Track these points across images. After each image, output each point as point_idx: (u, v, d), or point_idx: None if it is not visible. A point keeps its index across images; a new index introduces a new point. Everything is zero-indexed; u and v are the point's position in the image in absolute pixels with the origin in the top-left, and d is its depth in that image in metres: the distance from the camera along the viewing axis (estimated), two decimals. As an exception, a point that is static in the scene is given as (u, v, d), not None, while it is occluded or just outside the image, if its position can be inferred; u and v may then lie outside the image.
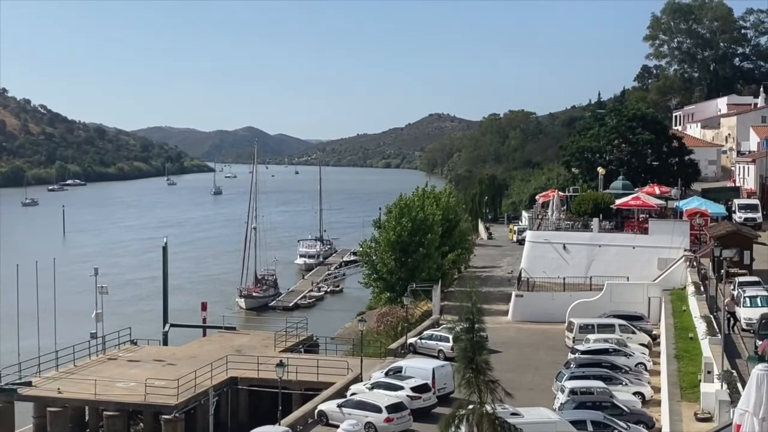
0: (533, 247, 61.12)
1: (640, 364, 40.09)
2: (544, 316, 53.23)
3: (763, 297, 39.97)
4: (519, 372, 40.99)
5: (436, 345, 46.98)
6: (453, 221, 72.28)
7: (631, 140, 79.73)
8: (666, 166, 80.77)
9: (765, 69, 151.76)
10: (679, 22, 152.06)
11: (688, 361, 34.10)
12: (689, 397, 29.36)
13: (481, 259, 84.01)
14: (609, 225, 60.79)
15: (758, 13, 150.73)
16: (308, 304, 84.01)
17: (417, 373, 38.81)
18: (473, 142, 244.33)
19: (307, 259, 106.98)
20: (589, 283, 54.85)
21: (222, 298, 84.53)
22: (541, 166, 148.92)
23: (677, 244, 55.46)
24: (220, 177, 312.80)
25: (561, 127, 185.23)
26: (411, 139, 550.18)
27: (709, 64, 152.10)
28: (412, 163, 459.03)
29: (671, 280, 51.84)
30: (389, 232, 63.00)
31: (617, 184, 69.33)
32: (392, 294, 62.94)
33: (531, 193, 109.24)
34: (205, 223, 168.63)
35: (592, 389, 33.82)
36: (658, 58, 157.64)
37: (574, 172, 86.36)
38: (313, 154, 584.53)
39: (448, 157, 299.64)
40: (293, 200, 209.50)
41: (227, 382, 44.76)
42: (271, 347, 51.65)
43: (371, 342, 52.00)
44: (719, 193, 74.76)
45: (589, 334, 44.38)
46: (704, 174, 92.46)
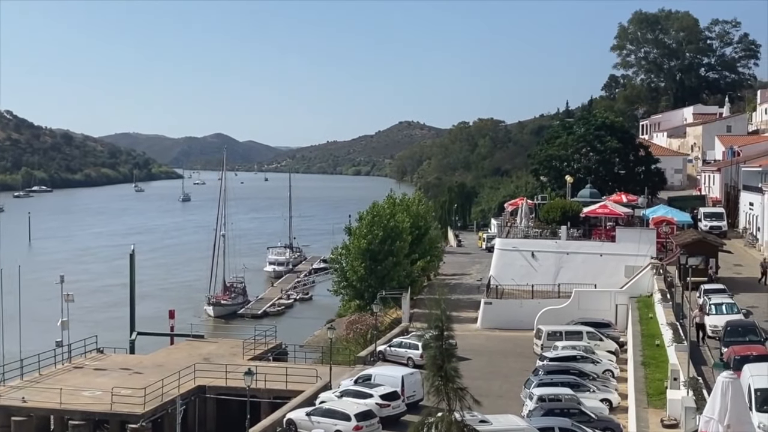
0: (502, 254, 61.43)
1: (607, 371, 40.39)
2: (512, 324, 53.49)
3: (728, 304, 40.55)
4: (488, 379, 41.10)
5: (406, 352, 47.04)
6: (422, 229, 72.44)
7: (599, 149, 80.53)
8: (633, 175, 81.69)
9: (730, 79, 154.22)
10: (645, 32, 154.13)
11: (654, 368, 34.43)
12: (656, 404, 29.63)
13: (450, 267, 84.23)
14: (577, 233, 61.26)
15: (723, 24, 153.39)
16: (277, 311, 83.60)
17: (386, 380, 38.79)
18: (443, 149, 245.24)
19: (277, 266, 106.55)
20: (557, 290, 55.15)
21: (190, 305, 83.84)
22: (509, 174, 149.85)
23: (644, 251, 56.02)
24: (188, 184, 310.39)
25: (529, 136, 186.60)
26: (381, 147, 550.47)
27: (676, 74, 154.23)
28: (382, 171, 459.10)
29: (638, 287, 52.34)
30: (360, 240, 63.01)
31: (585, 192, 69.92)
32: (362, 301, 62.93)
33: (500, 201, 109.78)
34: (175, 230, 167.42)
35: (560, 396, 34.01)
36: (625, 67, 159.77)
37: (542, 180, 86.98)
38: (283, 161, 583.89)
39: (417, 164, 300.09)
40: (263, 207, 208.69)
41: (195, 390, 44.34)
42: (240, 355, 51.31)
43: (340, 350, 51.89)
44: (685, 202, 75.79)
45: (557, 341, 44.66)
46: (670, 182, 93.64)
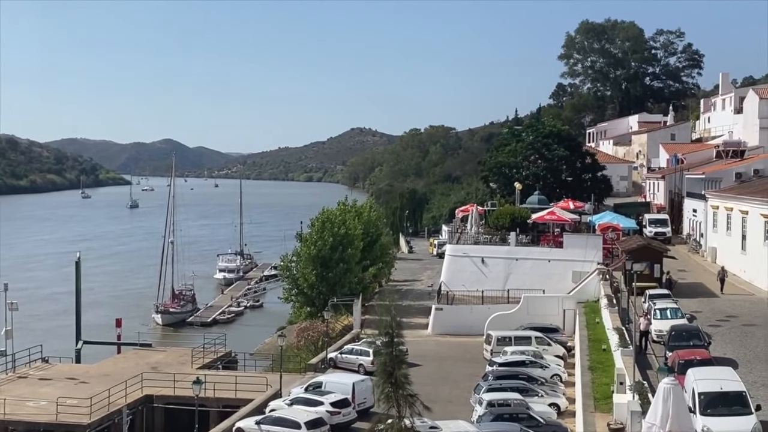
0: (453, 260, 61.81)
1: (555, 376, 40.88)
2: (463, 329, 53.83)
3: (673, 309, 41.33)
4: (438, 385, 41.28)
5: (357, 359, 47.01)
6: (374, 235, 72.55)
7: (547, 156, 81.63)
8: (580, 182, 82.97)
9: (674, 88, 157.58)
10: (592, 41, 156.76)
11: (601, 372, 34.91)
12: (602, 408, 30.04)
13: (401, 273, 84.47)
14: (526, 239, 61.95)
15: (667, 34, 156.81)
16: (227, 319, 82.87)
17: (337, 388, 38.73)
18: (394, 156, 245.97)
19: (227, 273, 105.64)
20: (507, 296, 55.71)
21: (138, 313, 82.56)
22: (460, 180, 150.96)
23: (591, 257, 56.86)
24: (136, 190, 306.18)
25: (480, 143, 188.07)
26: (333, 153, 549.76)
27: (621, 83, 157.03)
28: (334, 177, 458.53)
29: (585, 292, 53.06)
30: (310, 247, 62.87)
31: (533, 199, 70.77)
32: (313, 308, 62.74)
33: (451, 208, 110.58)
34: (124, 237, 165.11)
35: (509, 401, 34.31)
36: (572, 76, 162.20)
37: (492, 186, 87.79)
38: (234, 168, 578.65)
39: (369, 171, 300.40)
40: (213, 214, 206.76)
41: (142, 400, 43.77)
42: (188, 364, 50.79)
43: (291, 357, 51.68)
44: (630, 208, 77.12)
45: (506, 346, 45.09)
46: (616, 189, 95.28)
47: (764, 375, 32.41)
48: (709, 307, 46.47)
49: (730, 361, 33.41)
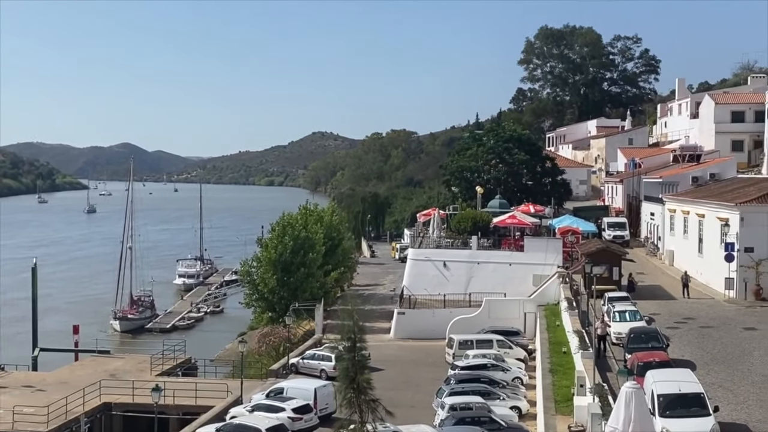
0: (415, 264, 61.93)
1: (516, 379, 41.08)
2: (425, 333, 53.94)
3: (632, 312, 41.79)
4: (400, 389, 41.27)
5: (319, 365, 46.86)
6: (336, 239, 72.38)
7: (508, 160, 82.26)
8: (540, 186, 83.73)
9: (631, 93, 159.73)
10: (551, 47, 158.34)
11: (562, 374, 35.17)
12: (563, 411, 30.25)
13: (364, 277, 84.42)
14: (487, 243, 62.32)
15: (625, 40, 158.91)
16: (187, 325, 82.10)
17: (298, 393, 38.52)
18: (356, 160, 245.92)
19: (186, 279, 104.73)
20: (469, 299, 55.94)
21: (96, 320, 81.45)
22: (422, 184, 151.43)
23: (551, 260, 57.37)
24: (94, 195, 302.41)
25: (441, 147, 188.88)
26: (294, 157, 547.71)
27: (580, 88, 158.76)
28: (295, 181, 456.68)
29: (545, 295, 53.50)
30: (270, 251, 62.51)
31: (494, 203, 71.23)
32: (274, 314, 62.36)
33: (412, 212, 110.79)
34: (82, 242, 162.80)
35: (470, 405, 34.36)
36: (532, 81, 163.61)
37: (453, 191, 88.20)
38: (194, 172, 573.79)
39: (331, 175, 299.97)
40: (173, 218, 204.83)
41: (101, 407, 43.15)
42: (147, 371, 50.24)
43: (252, 363, 51.29)
44: (590, 212, 77.94)
45: (468, 349, 45.23)
46: (576, 193, 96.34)
47: (722, 376, 32.92)
48: (667, 309, 47.11)
49: (688, 363, 33.89)
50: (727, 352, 36.86)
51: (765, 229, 47.65)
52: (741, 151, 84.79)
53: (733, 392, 30.72)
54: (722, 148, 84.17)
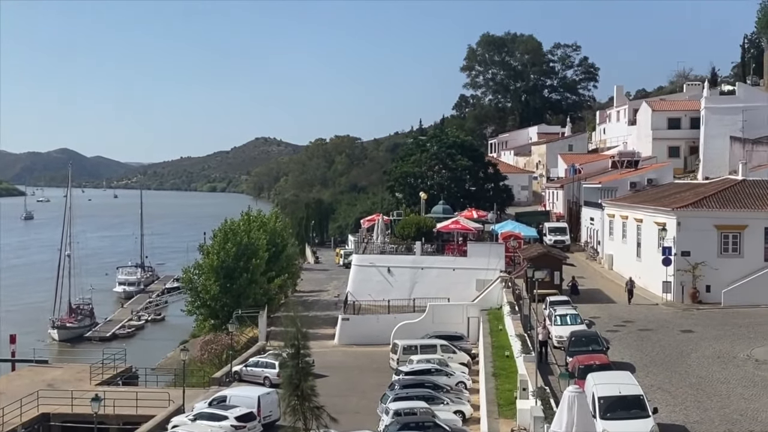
0: (359, 270, 61.94)
1: (460, 383, 41.30)
2: (369, 339, 53.93)
3: (572, 315, 42.41)
4: (345, 396, 41.18)
5: (262, 372, 46.53)
6: (280, 246, 71.98)
7: (451, 166, 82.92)
8: (483, 191, 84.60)
9: (571, 100, 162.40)
10: (493, 54, 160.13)
11: (505, 378, 35.50)
12: (506, 414, 30.53)
13: (308, 284, 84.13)
14: (431, 248, 62.59)
15: (564, 47, 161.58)
16: (127, 333, 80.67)
17: (242, 401, 38.16)
18: (300, 166, 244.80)
19: (127, 286, 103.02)
20: (413, 304, 56.15)
21: (33, 329, 79.50)
22: (366, 190, 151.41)
23: (494, 265, 57.91)
24: (31, 201, 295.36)
25: (385, 153, 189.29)
26: (237, 163, 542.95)
27: (521, 95, 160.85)
28: (238, 187, 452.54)
29: (488, 300, 53.97)
30: (212, 258, 61.87)
31: (438, 209, 71.66)
32: (217, 321, 61.68)
33: (357, 217, 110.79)
34: (20, 249, 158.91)
35: (415, 410, 34.44)
36: (474, 88, 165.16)
37: (397, 196, 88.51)
38: (134, 178, 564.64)
39: (274, 181, 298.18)
40: (113, 225, 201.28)
41: (38, 418, 42.22)
42: (87, 380, 49.31)
43: (194, 371, 50.66)
44: (531, 217, 78.99)
45: (412, 355, 45.35)
46: (518, 198, 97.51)
47: (660, 378, 33.59)
48: (607, 312, 47.93)
49: (627, 366, 34.50)
50: (665, 355, 37.64)
51: (701, 233, 48.85)
52: (677, 156, 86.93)
53: (671, 394, 31.38)
54: (659, 153, 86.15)
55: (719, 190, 52.59)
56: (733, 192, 51.73)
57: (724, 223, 49.01)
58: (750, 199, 50.44)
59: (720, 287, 48.32)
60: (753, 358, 36.00)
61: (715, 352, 37.54)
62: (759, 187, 52.32)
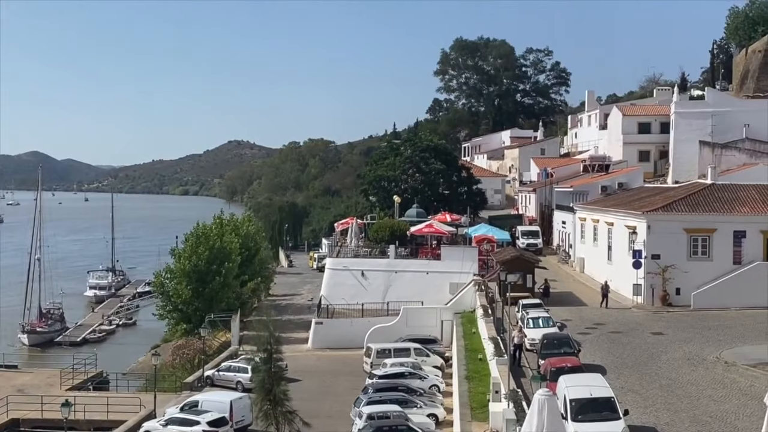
0: (333, 274, 61.88)
1: (434, 386, 41.36)
2: (343, 343, 53.92)
3: (545, 318, 42.69)
4: (318, 400, 41.12)
5: (235, 376, 46.33)
6: (253, 249, 71.76)
7: (424, 170, 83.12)
8: (456, 195, 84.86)
9: (543, 105, 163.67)
10: (466, 58, 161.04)
11: (478, 381, 35.59)
12: (479, 417, 30.62)
13: (281, 287, 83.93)
14: (405, 251, 62.71)
15: (537, 52, 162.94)
16: (98, 338, 79.97)
17: (214, 406, 37.94)
18: (273, 169, 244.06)
19: (98, 290, 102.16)
20: (386, 308, 56.18)
21: (3, 333, 78.71)
22: (340, 194, 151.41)
23: (467, 269, 58.09)
24: (1, 204, 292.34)
25: (359, 156, 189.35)
26: (210, 166, 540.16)
27: (494, 99, 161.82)
28: (211, 191, 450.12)
29: (462, 303, 54.13)
30: (184, 262, 61.50)
31: (412, 212, 71.81)
32: (189, 325, 61.33)
33: (330, 221, 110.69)
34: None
35: (388, 413, 34.45)
36: (448, 92, 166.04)
37: (371, 200, 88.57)
38: (105, 181, 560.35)
39: (248, 184, 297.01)
40: (84, 229, 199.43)
41: (8, 424, 41.85)
42: (57, 386, 48.89)
43: (166, 376, 50.33)
44: (504, 221, 79.43)
45: (386, 358, 45.38)
46: (491, 202, 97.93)
47: (631, 380, 33.90)
48: (579, 315, 48.29)
49: (598, 368, 34.78)
50: (635, 357, 37.99)
51: (671, 236, 49.39)
52: (647, 161, 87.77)
53: (641, 396, 31.67)
54: (630, 158, 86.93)
55: (689, 194, 53.19)
56: (703, 196, 52.34)
57: (694, 226, 49.59)
58: (719, 203, 51.06)
59: (690, 290, 48.86)
60: (722, 361, 36.44)
61: (684, 355, 37.96)
62: (728, 191, 52.97)
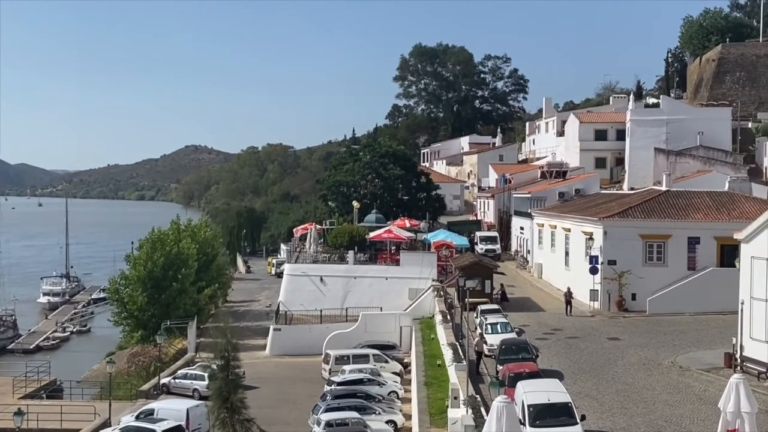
0: (291, 279, 61.54)
1: (392, 393, 41.31)
2: (302, 349, 53.61)
3: (503, 324, 42.86)
4: (276, 407, 40.78)
5: (191, 384, 45.83)
6: (210, 255, 71.10)
7: (384, 175, 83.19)
8: (415, 201, 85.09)
9: (502, 111, 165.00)
10: (425, 65, 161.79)
11: (436, 387, 35.58)
12: (438, 423, 30.59)
13: (239, 294, 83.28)
14: (364, 257, 62.63)
15: (495, 59, 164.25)
16: (52, 345, 78.63)
17: (170, 414, 37.38)
18: (231, 174, 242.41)
19: (51, 297, 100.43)
20: (345, 314, 56.02)
21: (-48, 342, 76.91)
22: (299, 199, 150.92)
23: (426, 274, 58.20)
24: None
25: (318, 162, 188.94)
26: (167, 171, 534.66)
27: (453, 105, 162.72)
28: (167, 196, 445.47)
29: (421, 309, 54.15)
30: (140, 268, 60.67)
31: (371, 218, 71.79)
32: (145, 332, 60.49)
33: (289, 226, 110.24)
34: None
35: (346, 420, 34.30)
36: (407, 98, 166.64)
37: (330, 205, 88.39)
38: (59, 186, 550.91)
39: (205, 189, 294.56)
40: (37, 234, 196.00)
41: (-44, 435, 40.65)
42: (9, 394, 47.89)
43: (121, 384, 49.57)
44: (463, 226, 79.78)
45: (344, 365, 45.19)
46: (450, 208, 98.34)
47: (588, 385, 34.16)
48: (536, 321, 48.60)
49: (556, 373, 34.96)
50: (592, 362, 38.31)
51: (627, 242, 49.97)
52: (604, 167, 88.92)
53: (598, 401, 31.92)
54: (586, 164, 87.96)
55: (644, 200, 53.89)
56: (658, 202, 53.07)
57: (649, 232, 50.24)
58: (674, 210, 51.83)
59: (645, 295, 49.43)
60: (677, 365, 36.91)
61: (640, 360, 38.38)
62: (682, 197, 53.81)
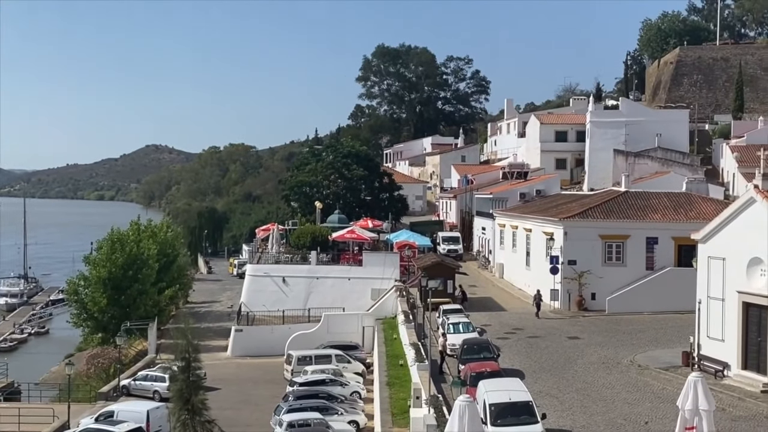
0: (253, 280, 61.25)
1: (355, 393, 41.32)
2: (264, 350, 53.36)
3: (465, 323, 43.13)
4: (238, 409, 40.59)
5: (151, 386, 45.38)
6: (171, 256, 70.44)
7: (346, 176, 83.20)
8: (378, 201, 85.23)
9: (464, 112, 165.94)
10: (388, 65, 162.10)
11: (399, 387, 35.70)
12: (400, 423, 30.70)
13: (200, 294, 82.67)
14: (326, 258, 62.55)
15: (457, 60, 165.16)
16: (9, 347, 77.36)
17: (130, 416, 37.02)
18: (193, 174, 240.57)
19: (9, 298, 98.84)
20: (308, 314, 55.89)
21: None
22: (261, 199, 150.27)
23: (389, 275, 58.31)
24: None
25: (281, 162, 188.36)
26: (127, 171, 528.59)
27: (416, 106, 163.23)
28: (127, 196, 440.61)
29: (383, 309, 54.28)
30: (99, 269, 59.93)
31: (333, 218, 71.71)
32: (105, 334, 59.76)
33: (251, 227, 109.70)
34: None
35: (309, 421, 34.25)
36: (370, 98, 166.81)
37: (293, 206, 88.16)
38: (17, 185, 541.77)
39: (166, 189, 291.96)
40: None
41: None
42: (-36, 398, 46.93)
43: (81, 386, 48.93)
44: (425, 227, 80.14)
45: (307, 365, 45.10)
46: (412, 208, 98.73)
47: (548, 384, 34.51)
48: (498, 320, 48.98)
49: (517, 372, 35.30)
50: (553, 361, 38.71)
51: (586, 242, 50.55)
52: (564, 168, 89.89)
53: (559, 399, 32.27)
54: (547, 165, 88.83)
55: (603, 201, 54.57)
56: (617, 203, 53.78)
57: (608, 233, 50.87)
58: (632, 210, 52.56)
59: (604, 295, 50.08)
60: (636, 364, 37.44)
61: (600, 358, 38.86)
62: (641, 198, 54.57)
